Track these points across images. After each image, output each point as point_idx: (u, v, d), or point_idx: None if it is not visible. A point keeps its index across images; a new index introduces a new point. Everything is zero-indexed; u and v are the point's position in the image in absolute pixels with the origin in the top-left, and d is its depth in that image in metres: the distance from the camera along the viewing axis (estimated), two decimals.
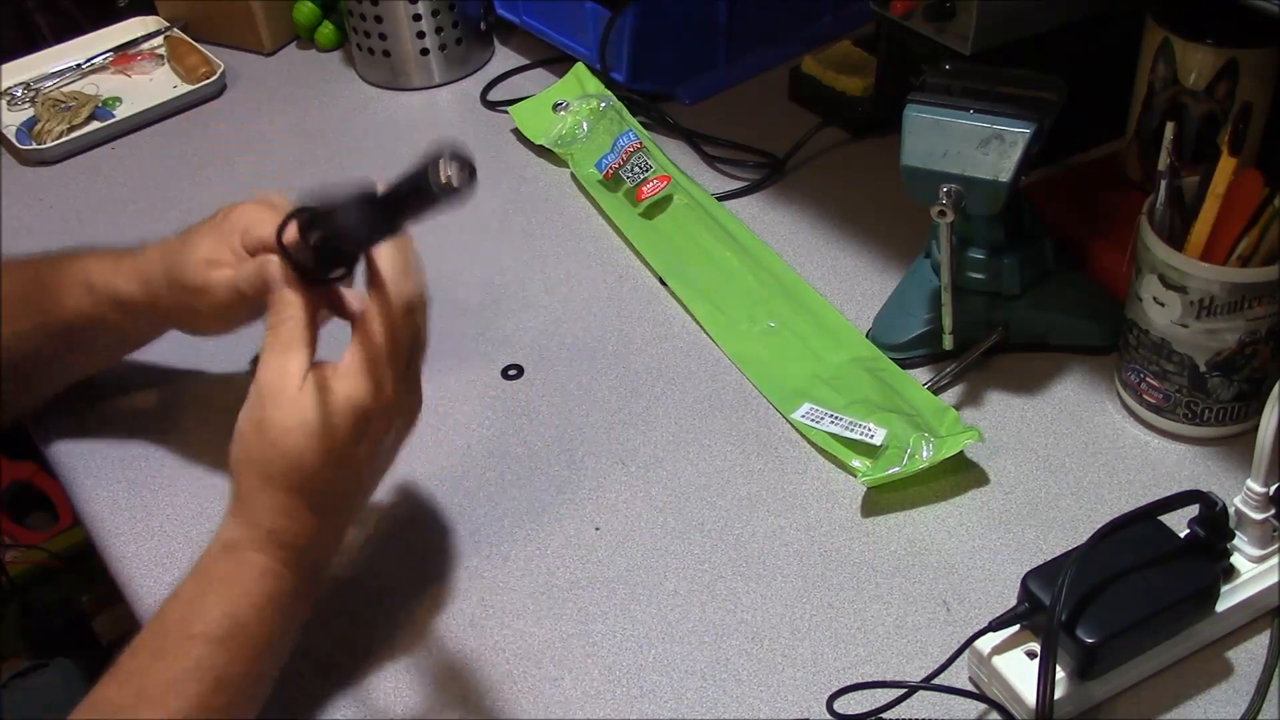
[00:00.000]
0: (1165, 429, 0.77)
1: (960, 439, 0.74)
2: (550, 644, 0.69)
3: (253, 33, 1.23)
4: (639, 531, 0.74)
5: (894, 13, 0.84)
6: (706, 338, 0.87)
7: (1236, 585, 0.64)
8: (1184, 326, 0.72)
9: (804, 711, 0.64)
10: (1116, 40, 0.86)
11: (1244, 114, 0.73)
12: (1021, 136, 0.72)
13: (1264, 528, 0.64)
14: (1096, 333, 0.82)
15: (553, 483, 0.78)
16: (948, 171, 0.74)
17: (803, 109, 1.08)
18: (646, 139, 1.01)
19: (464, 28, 1.17)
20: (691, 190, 0.97)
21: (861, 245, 0.93)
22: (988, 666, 0.63)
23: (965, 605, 0.69)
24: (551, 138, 1.05)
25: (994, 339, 0.81)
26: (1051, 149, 0.78)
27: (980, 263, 0.79)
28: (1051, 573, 0.61)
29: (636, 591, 0.71)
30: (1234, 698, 0.63)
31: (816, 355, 0.84)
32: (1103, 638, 0.59)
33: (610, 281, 0.93)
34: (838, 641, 0.67)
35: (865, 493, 0.75)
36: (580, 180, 1.01)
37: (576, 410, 0.83)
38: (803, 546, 0.73)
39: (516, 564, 0.73)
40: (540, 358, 0.87)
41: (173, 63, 1.22)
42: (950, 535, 0.72)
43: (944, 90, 0.76)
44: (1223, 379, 0.73)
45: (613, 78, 1.08)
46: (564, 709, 0.66)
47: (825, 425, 0.77)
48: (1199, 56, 0.80)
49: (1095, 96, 0.84)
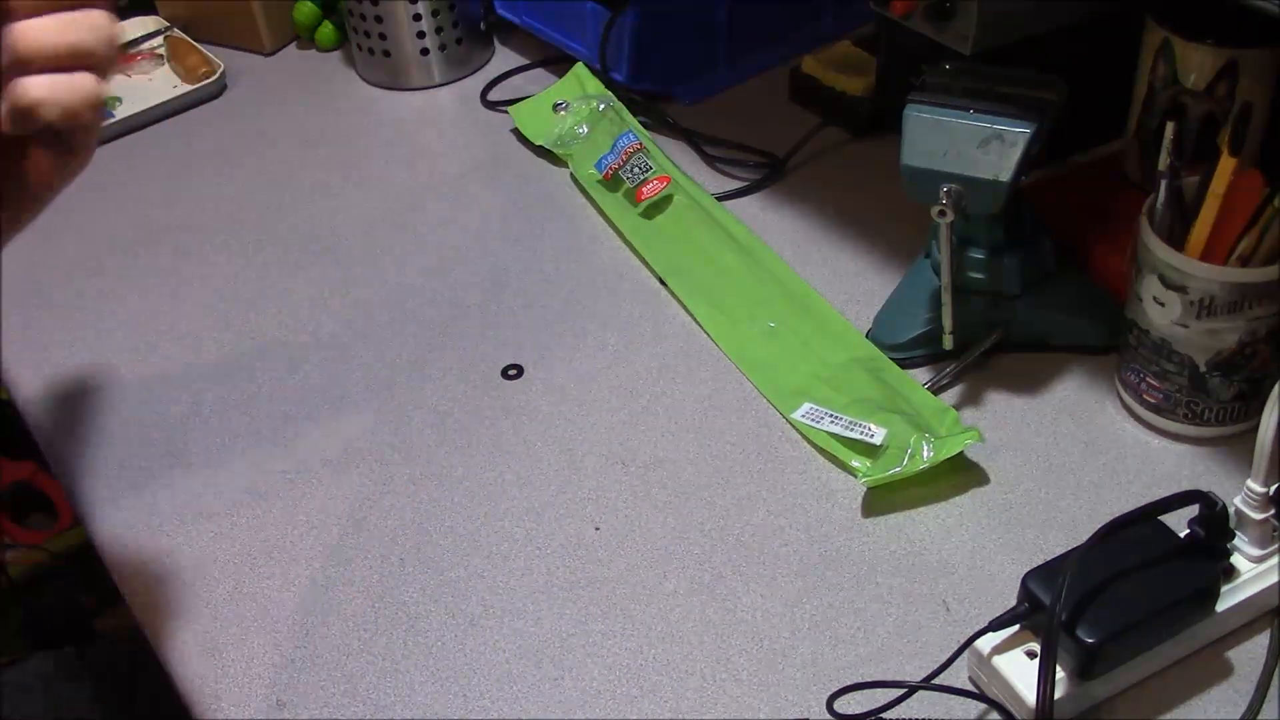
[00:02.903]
0: (1165, 429, 0.77)
1: (960, 439, 0.74)
2: (550, 644, 0.69)
3: (253, 33, 1.23)
4: (639, 531, 0.74)
5: (894, 13, 0.84)
6: (706, 338, 0.87)
7: (1236, 585, 0.64)
8: (1184, 326, 0.72)
9: (804, 711, 0.64)
10: (1116, 40, 0.86)
11: (1244, 114, 0.73)
12: (1021, 136, 0.72)
13: (1264, 528, 0.64)
14: (1096, 333, 0.82)
15: (553, 483, 0.78)
16: (948, 171, 0.74)
17: (803, 109, 1.08)
18: (646, 139, 1.01)
19: (464, 28, 1.17)
20: (691, 190, 0.97)
21: (861, 245, 0.94)
22: (988, 666, 0.63)
23: (965, 605, 0.69)
24: (551, 138, 1.05)
25: (994, 339, 0.81)
26: (1051, 149, 0.78)
27: (980, 263, 0.79)
28: (1051, 573, 0.61)
29: (636, 591, 0.71)
30: (1234, 698, 0.63)
31: (816, 355, 0.84)
32: (1103, 638, 0.59)
33: (610, 281, 0.93)
34: (838, 641, 0.67)
35: (865, 493, 0.75)
36: (580, 180, 1.01)
37: (576, 410, 0.83)
38: (803, 546, 0.73)
39: (516, 564, 0.73)
40: (540, 358, 0.87)
41: (173, 63, 1.22)
42: (950, 535, 0.72)
43: (944, 90, 0.76)
44: (1223, 379, 0.73)
45: (613, 78, 1.08)
46: (564, 709, 0.66)
47: (825, 425, 0.77)
48: (1199, 56, 0.80)
49: (1095, 96, 0.84)
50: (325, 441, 0.82)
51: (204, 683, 0.68)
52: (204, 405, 0.86)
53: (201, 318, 0.93)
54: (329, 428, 0.83)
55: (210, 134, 1.14)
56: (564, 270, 0.95)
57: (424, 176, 1.06)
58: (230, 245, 1.00)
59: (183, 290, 0.96)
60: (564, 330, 0.89)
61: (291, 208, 1.04)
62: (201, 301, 0.95)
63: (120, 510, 0.79)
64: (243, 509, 0.78)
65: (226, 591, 0.73)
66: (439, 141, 1.12)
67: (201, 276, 0.97)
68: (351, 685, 0.67)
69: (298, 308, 0.93)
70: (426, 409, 0.84)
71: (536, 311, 0.91)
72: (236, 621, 0.71)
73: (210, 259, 0.99)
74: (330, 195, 1.05)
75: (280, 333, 0.92)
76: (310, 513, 0.77)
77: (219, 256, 1.00)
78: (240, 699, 0.67)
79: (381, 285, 0.95)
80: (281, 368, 0.88)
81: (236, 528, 0.77)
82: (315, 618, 0.71)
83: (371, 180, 1.06)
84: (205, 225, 1.03)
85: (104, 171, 1.11)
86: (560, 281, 0.94)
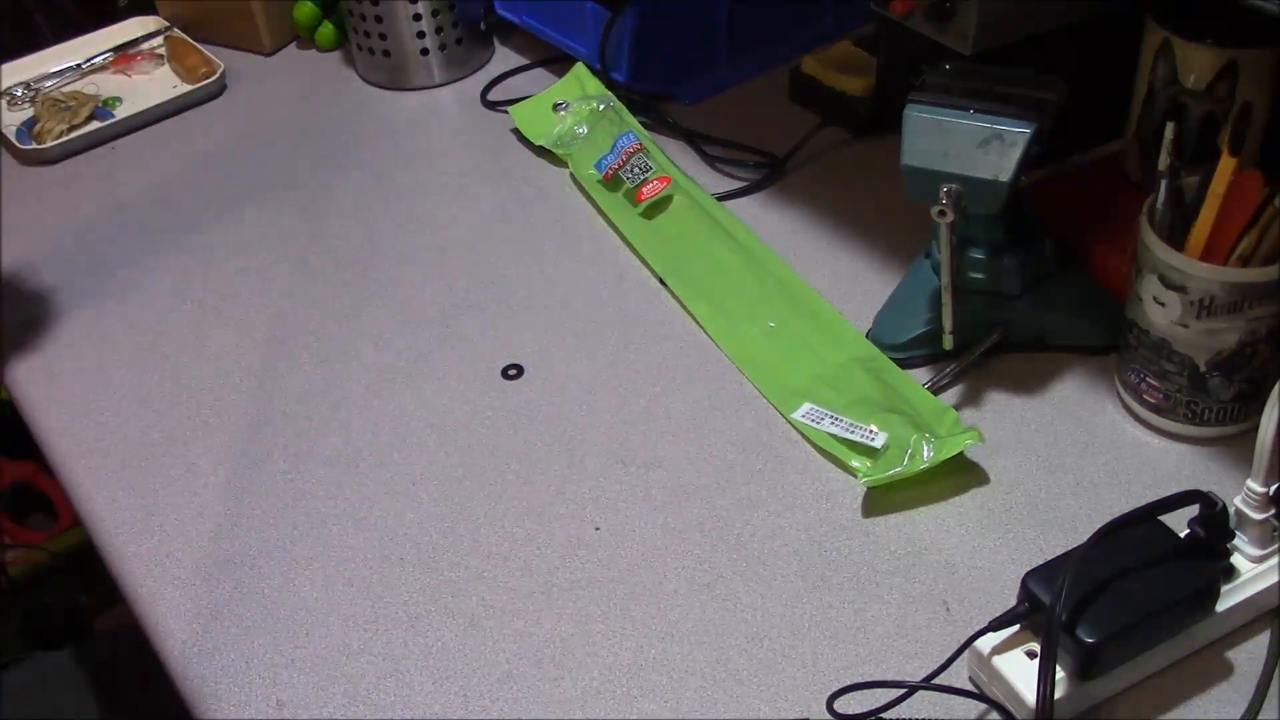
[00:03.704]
0: (1165, 429, 0.77)
1: (960, 439, 0.74)
2: (550, 644, 0.69)
3: (253, 33, 1.23)
4: (639, 531, 0.74)
5: (894, 13, 0.84)
6: (706, 338, 0.87)
7: (1236, 585, 0.64)
8: (1184, 326, 0.72)
9: (804, 711, 0.64)
10: (1116, 40, 0.86)
11: (1244, 114, 0.73)
12: (1021, 136, 0.72)
13: (1264, 528, 0.64)
14: (1096, 333, 0.82)
15: (553, 483, 0.78)
16: (948, 171, 0.74)
17: (803, 109, 1.08)
18: (646, 139, 1.01)
19: (464, 28, 1.17)
20: (691, 190, 0.97)
21: (861, 245, 0.94)
22: (988, 666, 0.63)
23: (965, 605, 0.69)
24: (551, 138, 1.05)
25: (994, 339, 0.81)
26: (1051, 149, 0.78)
27: (980, 263, 0.80)
28: (1051, 573, 0.61)
29: (636, 591, 0.71)
30: (1234, 698, 0.63)
31: (816, 355, 0.84)
32: (1103, 638, 0.59)
33: (610, 281, 0.93)
34: (838, 641, 0.67)
35: (865, 493, 0.75)
36: (580, 180, 1.01)
37: (576, 410, 0.83)
38: (803, 546, 0.73)
39: (516, 564, 0.73)
40: (540, 358, 0.87)
41: (173, 63, 1.22)
42: (950, 535, 0.72)
43: (944, 90, 0.76)
44: (1223, 379, 0.73)
45: (613, 78, 1.08)
46: (564, 709, 0.66)
47: (826, 426, 0.77)
48: (1199, 56, 0.80)
49: (1095, 96, 0.84)
50: (325, 441, 0.82)
51: (204, 683, 0.68)
52: (204, 405, 0.86)
53: (201, 317, 0.93)
54: (329, 427, 0.83)
55: (210, 134, 1.14)
56: (564, 270, 0.95)
57: (424, 176, 1.06)
58: (230, 245, 1.00)
59: (182, 290, 0.96)
60: (564, 330, 0.89)
61: (291, 208, 1.04)
62: (201, 301, 0.95)
63: (120, 510, 0.79)
64: (242, 508, 0.78)
65: (226, 591, 0.73)
66: (439, 141, 1.12)
67: (201, 276, 0.97)
68: (351, 685, 0.67)
69: (297, 307, 0.93)
70: (426, 409, 0.84)
71: (536, 311, 0.91)
72: (236, 621, 0.71)
73: (210, 259, 0.99)
74: (330, 195, 1.05)
75: (280, 332, 0.92)
76: (310, 512, 0.77)
77: (219, 256, 1.00)
78: (240, 699, 0.67)
79: (381, 285, 0.95)
80: (281, 367, 0.88)
81: (236, 527, 0.77)
82: (315, 618, 0.71)
83: (371, 180, 1.06)
84: (205, 225, 1.03)
85: (104, 171, 1.11)
86: (560, 281, 0.94)
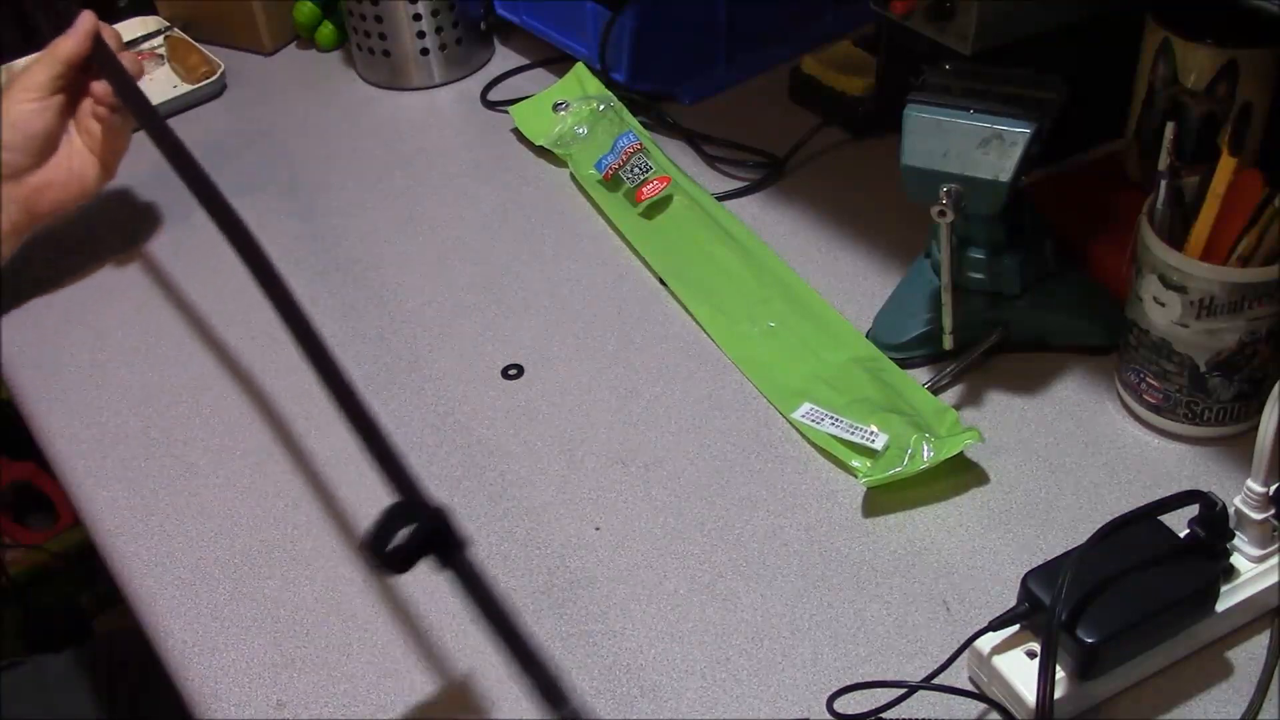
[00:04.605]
0: (1165, 429, 0.77)
1: (960, 439, 0.74)
2: (550, 644, 0.69)
3: (253, 33, 1.23)
4: (639, 531, 0.74)
5: (894, 13, 0.84)
6: (706, 338, 0.87)
7: (1236, 585, 0.64)
8: (1184, 326, 0.72)
9: (804, 711, 0.64)
10: (1116, 40, 0.86)
11: (1244, 114, 0.73)
12: (1021, 136, 0.72)
13: (1264, 528, 0.64)
14: (1096, 333, 0.82)
15: (553, 483, 0.78)
16: (948, 171, 0.74)
17: (803, 109, 1.08)
18: (647, 139, 1.01)
19: (464, 28, 1.17)
20: (691, 191, 0.97)
21: (861, 245, 0.94)
22: (988, 666, 0.63)
23: (965, 605, 0.69)
24: (551, 138, 1.05)
25: (994, 339, 0.81)
26: (1051, 149, 0.78)
27: (980, 263, 0.79)
28: (1051, 573, 0.61)
29: (636, 591, 0.71)
30: (1234, 698, 0.63)
31: (816, 355, 0.84)
32: (1103, 638, 0.59)
33: (610, 281, 0.93)
34: (838, 641, 0.67)
35: (865, 493, 0.75)
36: (580, 180, 1.01)
37: (576, 410, 0.83)
38: (802, 546, 0.73)
39: (516, 564, 0.73)
40: (540, 358, 0.87)
41: (173, 63, 1.22)
42: (950, 535, 0.72)
43: (944, 90, 0.76)
44: (1223, 379, 0.73)
45: (613, 78, 1.08)
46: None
47: (826, 426, 0.77)
48: (1199, 56, 0.80)
49: (1095, 96, 0.84)
50: (325, 441, 0.82)
51: (204, 683, 0.68)
52: (204, 405, 0.86)
53: (201, 317, 0.93)
54: (329, 427, 0.83)
55: (210, 134, 1.14)
56: (564, 270, 0.95)
57: (424, 176, 1.06)
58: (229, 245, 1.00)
59: (182, 289, 0.96)
60: (564, 330, 0.89)
61: (291, 208, 1.04)
62: (201, 301, 0.95)
63: (120, 510, 0.79)
64: (243, 509, 0.78)
65: (226, 591, 0.73)
66: (439, 141, 1.12)
67: (201, 276, 0.97)
68: (351, 685, 0.67)
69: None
70: (426, 409, 0.84)
71: (536, 311, 0.91)
72: (236, 621, 0.71)
73: (209, 258, 0.99)
74: (330, 195, 1.05)
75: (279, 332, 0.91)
76: (310, 512, 0.77)
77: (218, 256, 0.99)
78: (240, 699, 0.67)
79: (381, 285, 0.95)
80: (281, 367, 0.88)
81: (237, 527, 0.77)
82: (315, 618, 0.71)
83: (371, 180, 1.06)
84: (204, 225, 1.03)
85: None
86: (560, 281, 0.94)
